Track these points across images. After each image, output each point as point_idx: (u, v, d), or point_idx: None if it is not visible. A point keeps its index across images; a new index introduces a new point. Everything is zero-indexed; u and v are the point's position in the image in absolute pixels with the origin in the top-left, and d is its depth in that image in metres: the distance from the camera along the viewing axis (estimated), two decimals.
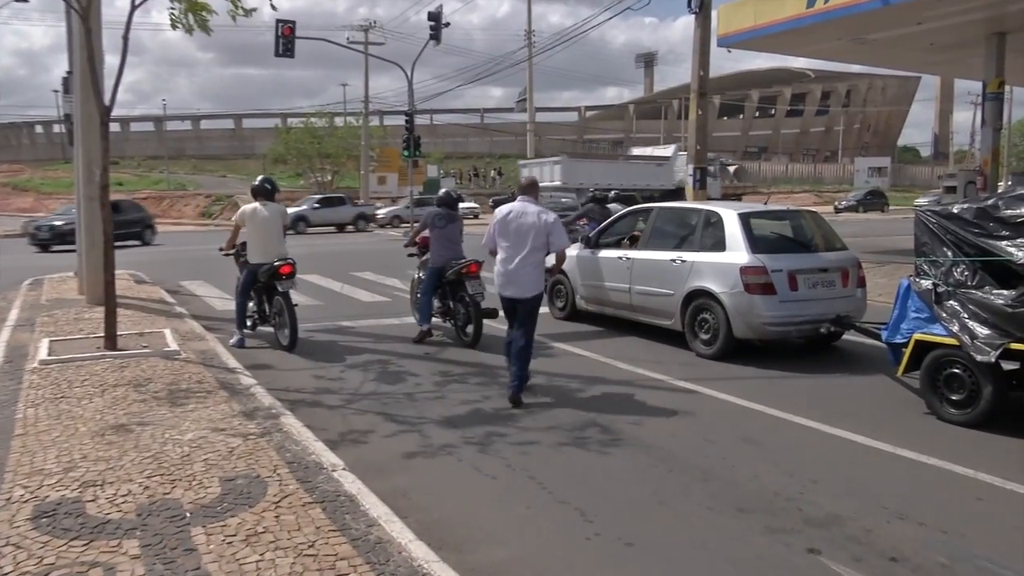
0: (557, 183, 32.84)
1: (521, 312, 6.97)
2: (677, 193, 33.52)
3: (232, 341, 9.12)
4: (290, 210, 33.47)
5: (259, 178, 9.66)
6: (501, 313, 9.46)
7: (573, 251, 9.95)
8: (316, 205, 36.81)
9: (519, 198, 7.09)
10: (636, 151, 40.75)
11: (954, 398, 6.08)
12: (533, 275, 6.91)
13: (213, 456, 5.03)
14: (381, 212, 40.51)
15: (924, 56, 19.90)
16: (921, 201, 49.05)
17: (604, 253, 9.83)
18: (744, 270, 8.08)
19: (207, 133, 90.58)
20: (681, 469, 5.17)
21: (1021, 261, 5.73)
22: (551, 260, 7.25)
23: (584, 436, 5.84)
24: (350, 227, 37.04)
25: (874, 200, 50.23)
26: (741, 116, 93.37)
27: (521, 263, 6.85)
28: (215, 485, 4.53)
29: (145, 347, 8.48)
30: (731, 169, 38.59)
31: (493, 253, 7.10)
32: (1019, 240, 5.82)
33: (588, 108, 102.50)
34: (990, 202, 6.17)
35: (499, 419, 6.28)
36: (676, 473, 5.10)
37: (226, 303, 11.73)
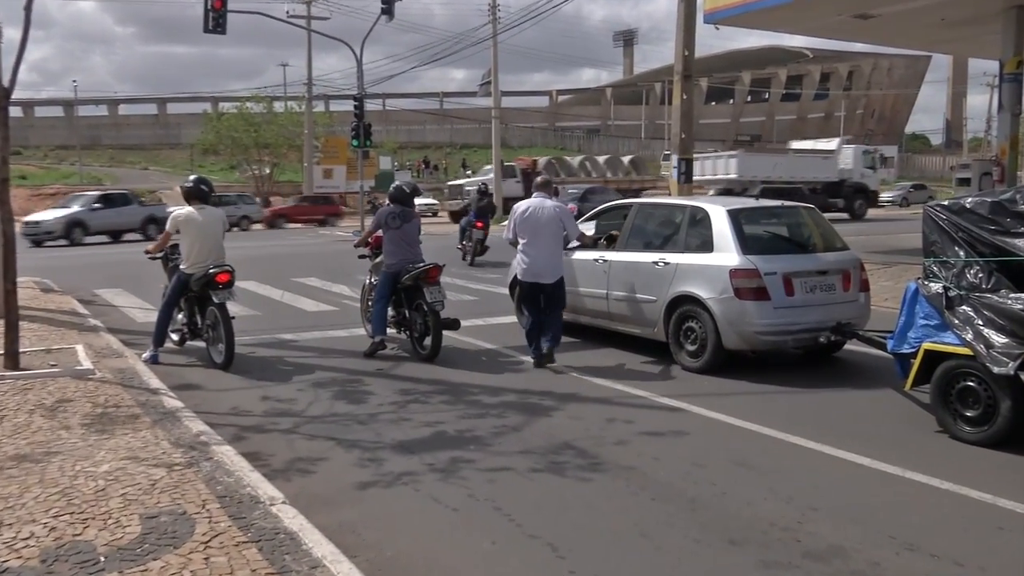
0: (732, 176, 35.14)
1: (547, 296, 8.83)
2: (839, 184, 37.14)
3: (145, 356, 9.03)
4: (60, 212, 30.87)
5: (191, 179, 9.54)
6: (464, 323, 9.59)
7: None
8: (97, 205, 31.47)
9: (535, 194, 9.02)
10: (796, 144, 45.79)
11: (969, 414, 6.15)
12: (555, 262, 8.86)
13: (132, 490, 4.95)
14: (171, 210, 38.41)
15: (935, 33, 20.19)
16: (885, 196, 49.91)
17: (578, 255, 9.86)
18: (734, 273, 8.15)
19: (126, 119, 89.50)
20: (666, 497, 5.19)
21: None
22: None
23: (557, 461, 5.85)
24: (135, 234, 31.36)
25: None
26: (731, 101, 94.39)
27: (543, 252, 8.74)
28: (134, 524, 4.46)
29: (53, 366, 8.34)
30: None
31: (514, 244, 9.04)
32: None
33: (560, 92, 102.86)
34: (1007, 196, 6.27)
35: (463, 443, 6.27)
36: (660, 501, 5.12)
37: (148, 314, 11.57)
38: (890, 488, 5.31)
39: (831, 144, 40.74)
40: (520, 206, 8.98)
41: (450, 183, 40.09)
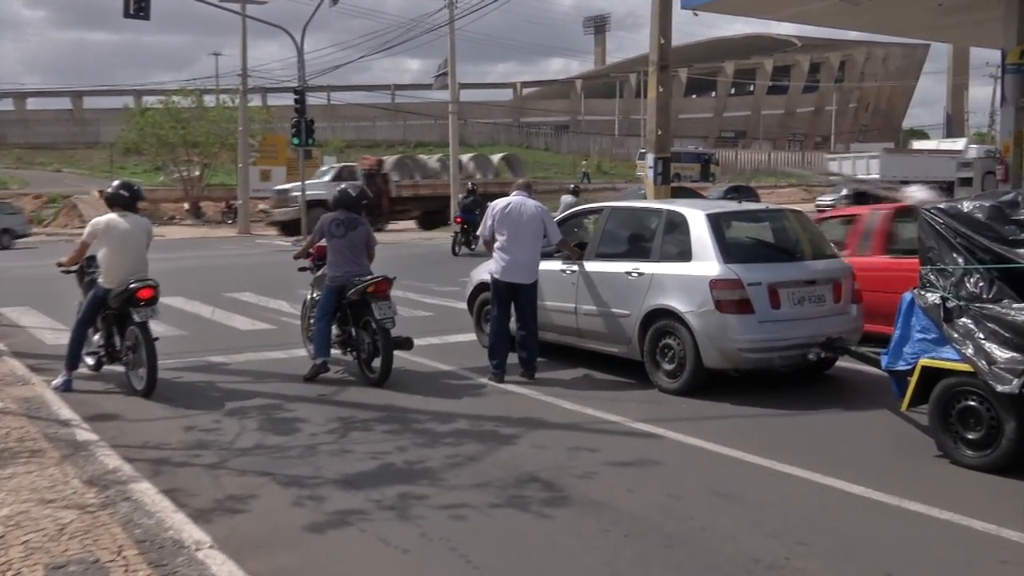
0: (875, 176, 39.76)
1: (523, 297, 9.23)
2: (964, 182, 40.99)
3: (56, 383, 8.90)
4: None
5: (115, 183, 9.47)
6: (417, 342, 9.56)
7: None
8: None
9: (515, 193, 9.47)
10: (917, 144, 52.88)
11: (970, 437, 6.22)
12: (534, 262, 9.24)
13: (36, 536, 4.88)
14: None
15: (933, 19, 20.48)
16: (824, 200, 50.90)
17: (544, 265, 9.87)
18: (715, 284, 8.20)
19: (36, 115, 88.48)
20: (640, 533, 5.21)
21: None
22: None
23: (520, 495, 5.84)
24: None
25: (738, 198, 51.20)
26: (713, 94, 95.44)
27: (523, 251, 9.11)
28: (39, 575, 4.38)
29: None
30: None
31: (488, 245, 9.44)
32: None
33: (526, 84, 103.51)
34: (1007, 198, 6.37)
35: (414, 476, 6.25)
36: (634, 538, 5.13)
37: (60, 336, 11.41)
38: (886, 519, 5.36)
39: (958, 144, 46.44)
40: (499, 203, 9.36)
41: (276, 187, 38.26)
